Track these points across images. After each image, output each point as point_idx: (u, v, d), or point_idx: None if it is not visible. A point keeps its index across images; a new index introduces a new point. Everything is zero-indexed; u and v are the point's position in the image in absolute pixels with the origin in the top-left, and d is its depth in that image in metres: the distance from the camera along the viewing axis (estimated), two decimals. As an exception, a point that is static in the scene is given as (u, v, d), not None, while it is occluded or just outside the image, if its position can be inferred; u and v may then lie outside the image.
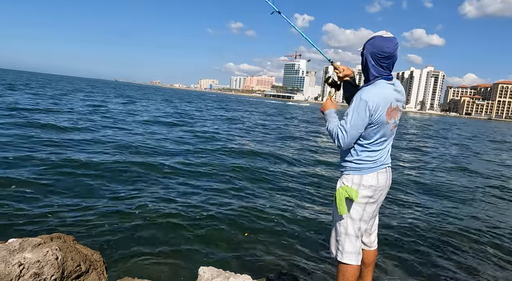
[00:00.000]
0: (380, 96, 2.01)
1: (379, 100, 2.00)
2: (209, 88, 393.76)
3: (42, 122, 12.93)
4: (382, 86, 2.04)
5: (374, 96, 1.99)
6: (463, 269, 4.20)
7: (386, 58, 2.02)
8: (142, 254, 3.91)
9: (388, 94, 2.04)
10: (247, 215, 5.41)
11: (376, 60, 2.04)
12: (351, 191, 2.09)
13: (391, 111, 2.06)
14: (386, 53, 2.00)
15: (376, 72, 2.06)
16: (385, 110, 2.02)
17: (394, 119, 2.10)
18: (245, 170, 8.54)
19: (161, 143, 11.47)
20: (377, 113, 1.99)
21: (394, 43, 2.02)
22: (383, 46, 2.00)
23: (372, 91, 2.01)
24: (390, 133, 2.14)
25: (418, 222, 5.72)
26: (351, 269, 2.18)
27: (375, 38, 2.04)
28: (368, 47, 2.07)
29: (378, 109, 1.99)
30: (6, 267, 1.87)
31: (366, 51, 2.08)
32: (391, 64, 2.07)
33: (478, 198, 7.83)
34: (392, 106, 2.05)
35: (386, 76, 2.07)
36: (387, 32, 2.05)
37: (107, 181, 6.48)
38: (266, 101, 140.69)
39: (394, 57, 2.04)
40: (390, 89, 2.06)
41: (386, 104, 2.02)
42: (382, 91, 2.03)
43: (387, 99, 2.03)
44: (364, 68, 2.12)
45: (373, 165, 2.12)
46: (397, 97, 2.09)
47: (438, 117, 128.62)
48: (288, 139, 16.59)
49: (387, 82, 2.06)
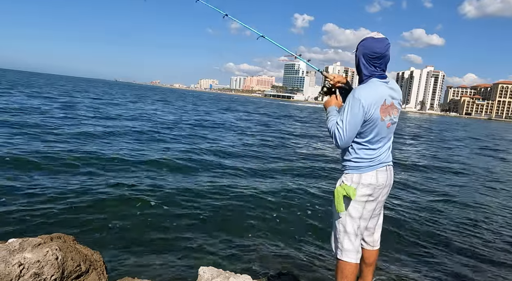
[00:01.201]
0: (373, 93, 2.06)
1: (372, 97, 2.04)
2: (209, 88, 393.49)
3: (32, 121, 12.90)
4: (375, 84, 2.10)
5: (366, 94, 2.04)
6: (463, 269, 4.20)
7: (377, 58, 2.08)
8: (142, 254, 3.91)
9: (381, 91, 2.09)
10: (247, 215, 5.41)
11: (368, 61, 2.10)
12: (348, 189, 2.12)
13: (385, 108, 2.09)
14: (377, 53, 2.06)
15: (368, 72, 2.12)
16: (379, 106, 2.06)
17: (389, 116, 2.13)
18: (247, 172, 8.54)
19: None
20: (371, 110, 2.03)
21: (385, 43, 2.08)
22: (374, 46, 2.06)
23: (364, 89, 2.07)
24: (387, 130, 2.15)
25: (419, 223, 5.72)
26: (349, 266, 2.20)
27: (366, 40, 2.11)
28: (360, 48, 2.13)
29: (372, 106, 2.03)
30: (6, 267, 1.87)
31: (358, 52, 2.14)
32: (384, 64, 2.12)
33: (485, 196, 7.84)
34: (386, 103, 2.09)
35: (378, 75, 2.12)
36: (378, 33, 2.11)
37: (107, 181, 6.48)
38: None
39: (386, 57, 2.10)
40: (383, 86, 2.11)
41: (380, 100, 2.06)
42: (375, 89, 2.08)
43: (380, 96, 2.07)
44: (357, 69, 2.20)
45: (372, 163, 2.14)
46: (391, 94, 2.13)
47: (438, 117, 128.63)
48: (288, 136, 16.60)
49: (379, 80, 2.11)
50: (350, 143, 2.13)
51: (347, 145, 2.13)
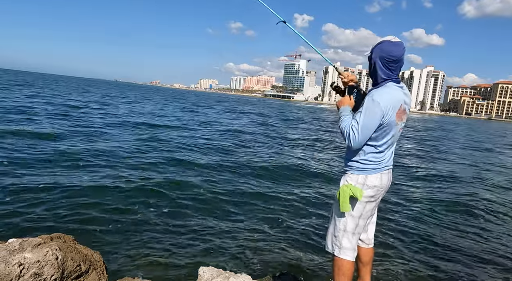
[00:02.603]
0: (391, 97, 2.08)
1: (391, 101, 2.06)
2: (209, 88, 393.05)
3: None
4: (393, 88, 2.12)
5: (386, 98, 2.06)
6: (463, 269, 4.20)
7: (394, 62, 2.11)
8: (142, 254, 3.91)
9: (398, 96, 2.12)
10: (247, 215, 5.41)
11: (384, 64, 2.12)
12: (355, 190, 2.14)
13: (400, 113, 2.12)
14: (394, 57, 2.09)
15: (385, 75, 2.14)
16: (396, 111, 2.09)
17: (402, 121, 2.17)
18: (248, 172, 8.54)
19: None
20: (388, 115, 2.05)
21: (402, 47, 2.11)
22: (391, 50, 2.09)
23: (384, 93, 2.08)
24: (397, 135, 2.20)
25: (419, 223, 5.72)
26: (347, 263, 2.25)
27: (383, 43, 2.13)
28: (376, 51, 2.14)
29: (389, 110, 2.05)
30: (6, 267, 1.87)
31: (374, 55, 2.16)
32: (399, 68, 2.15)
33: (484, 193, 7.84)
34: (401, 108, 2.12)
35: (395, 79, 2.15)
36: (394, 37, 2.13)
37: (107, 181, 6.48)
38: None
39: (402, 61, 2.13)
40: (400, 91, 2.14)
41: (397, 105, 2.09)
42: (393, 93, 2.10)
43: (398, 101, 2.10)
44: (372, 71, 2.20)
45: (378, 166, 2.17)
46: (405, 99, 2.16)
47: (439, 117, 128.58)
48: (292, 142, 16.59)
49: (396, 85, 2.14)
50: (363, 144, 2.13)
51: (360, 146, 2.12)
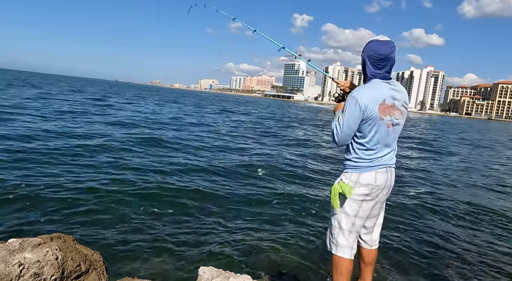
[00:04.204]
0: (370, 92, 2.10)
1: (369, 95, 2.08)
2: (209, 88, 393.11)
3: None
4: (375, 83, 2.14)
5: (364, 93, 2.08)
6: (463, 269, 4.20)
7: (381, 60, 2.12)
8: (142, 254, 3.91)
9: (380, 90, 2.11)
10: (247, 215, 5.41)
11: (372, 62, 2.15)
12: (345, 187, 2.18)
13: (385, 107, 2.10)
14: (381, 55, 2.10)
15: (370, 73, 2.17)
16: (377, 105, 2.08)
17: (390, 117, 2.13)
18: (248, 173, 8.54)
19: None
20: (368, 109, 2.06)
21: (390, 46, 2.11)
22: (378, 49, 2.11)
23: (362, 89, 2.12)
24: (387, 131, 2.15)
25: (419, 223, 5.72)
26: (343, 261, 2.25)
27: (372, 42, 2.16)
28: (365, 50, 2.19)
29: (369, 104, 2.06)
30: (6, 267, 1.87)
31: (364, 54, 2.20)
32: (388, 66, 2.15)
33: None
34: (386, 102, 2.10)
35: (380, 76, 2.15)
36: (383, 36, 2.16)
37: (108, 181, 6.48)
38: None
39: (391, 59, 2.13)
40: (384, 86, 2.13)
41: (378, 99, 2.09)
42: (373, 88, 2.12)
43: (379, 95, 2.10)
44: (362, 70, 2.25)
45: (371, 164, 2.17)
46: (393, 95, 2.14)
47: (439, 117, 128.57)
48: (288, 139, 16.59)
49: (381, 81, 2.14)
50: (348, 141, 2.18)
51: (343, 142, 2.17)
